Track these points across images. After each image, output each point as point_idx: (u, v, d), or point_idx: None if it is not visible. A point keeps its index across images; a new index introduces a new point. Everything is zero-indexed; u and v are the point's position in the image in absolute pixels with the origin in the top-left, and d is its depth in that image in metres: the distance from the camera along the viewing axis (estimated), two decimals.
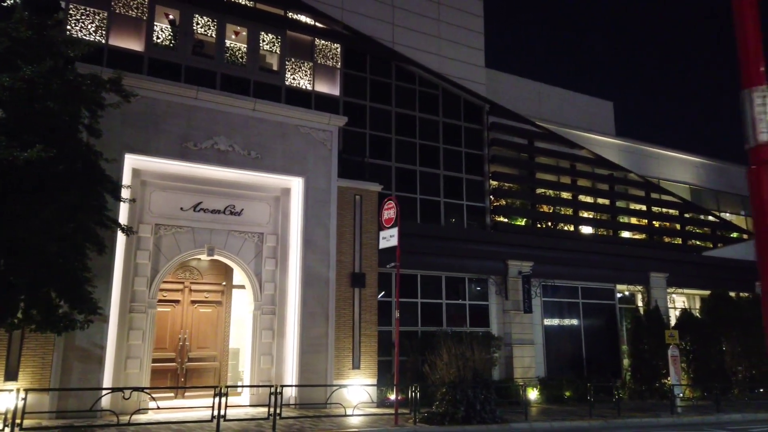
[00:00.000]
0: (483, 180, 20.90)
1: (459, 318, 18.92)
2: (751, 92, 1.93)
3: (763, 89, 1.93)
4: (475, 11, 22.03)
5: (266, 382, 14.31)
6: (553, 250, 20.56)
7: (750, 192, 1.92)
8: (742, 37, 1.89)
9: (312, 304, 14.90)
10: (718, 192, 29.18)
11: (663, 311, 21.84)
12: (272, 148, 15.08)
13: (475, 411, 12.63)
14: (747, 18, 1.88)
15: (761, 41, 1.92)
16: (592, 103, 27.54)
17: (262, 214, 15.46)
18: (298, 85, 17.86)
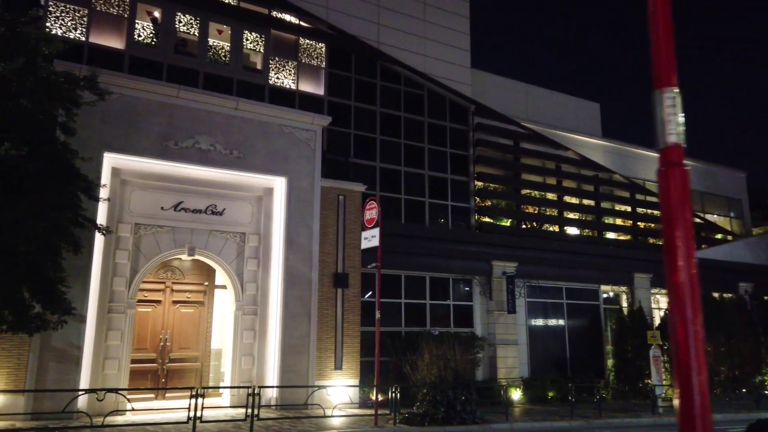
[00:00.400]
0: (468, 180, 20.92)
1: (443, 318, 18.92)
2: (662, 93, 1.91)
3: (674, 90, 1.92)
4: (461, 12, 22.04)
5: (247, 383, 14.22)
6: (537, 251, 20.61)
7: (659, 194, 1.91)
8: (655, 37, 1.88)
9: (294, 304, 14.83)
10: (704, 193, 29.38)
11: (647, 312, 21.96)
12: (255, 148, 14.99)
13: (455, 411, 12.62)
14: (660, 18, 1.87)
15: (673, 42, 1.91)
16: (578, 104, 27.65)
17: (244, 213, 15.37)
18: (282, 84, 17.77)
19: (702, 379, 1.71)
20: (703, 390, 1.71)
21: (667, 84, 1.90)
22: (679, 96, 1.96)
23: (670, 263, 1.84)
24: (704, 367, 1.73)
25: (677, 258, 1.82)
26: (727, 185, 30.65)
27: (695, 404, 1.70)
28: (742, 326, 22.99)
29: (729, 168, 31.30)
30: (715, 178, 30.08)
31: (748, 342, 22.90)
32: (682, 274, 1.81)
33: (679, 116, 1.94)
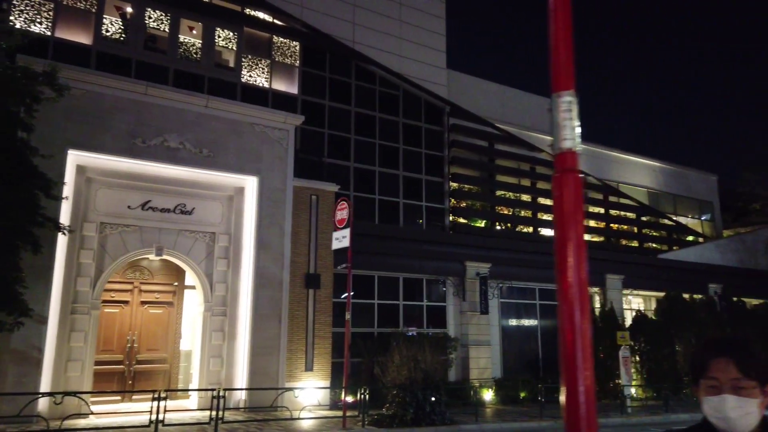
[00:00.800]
0: (443, 181, 20.94)
1: (416, 319, 18.90)
2: (558, 97, 1.88)
3: (570, 95, 1.89)
4: (437, 13, 22.07)
5: (216, 385, 14.03)
6: (511, 252, 20.70)
7: (552, 200, 1.88)
8: (554, 40, 1.85)
9: (264, 305, 14.68)
10: (676, 196, 29.86)
11: (618, 312, 22.19)
12: (226, 146, 14.80)
13: (424, 413, 12.60)
14: (559, 21, 1.84)
15: (572, 45, 1.88)
16: None
17: (214, 213, 15.17)
18: (255, 82, 17.59)
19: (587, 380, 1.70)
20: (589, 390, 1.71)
21: (563, 88, 1.87)
22: (576, 101, 1.94)
23: (561, 267, 1.81)
24: (590, 368, 1.73)
25: (568, 263, 1.79)
26: (698, 188, 31.19)
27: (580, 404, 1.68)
28: (712, 327, 23.36)
29: (701, 171, 31.85)
30: (687, 181, 30.59)
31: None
32: (572, 278, 1.78)
33: (575, 121, 1.91)
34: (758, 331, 24.44)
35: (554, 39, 1.84)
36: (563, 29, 1.82)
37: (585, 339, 1.73)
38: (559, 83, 1.87)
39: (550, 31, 1.85)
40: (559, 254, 1.82)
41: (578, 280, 1.77)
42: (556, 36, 1.83)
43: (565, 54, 1.84)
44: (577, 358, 1.70)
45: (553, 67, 1.89)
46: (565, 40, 1.83)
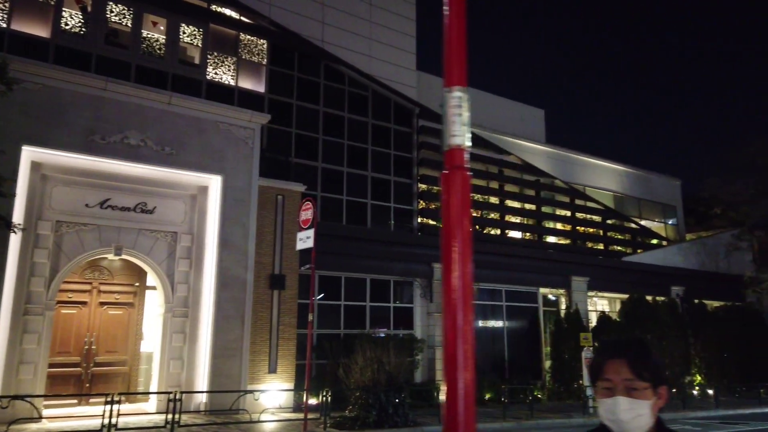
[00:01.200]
0: (411, 183, 20.95)
1: (383, 320, 18.84)
2: (450, 92, 1.85)
3: (461, 90, 1.85)
4: (408, 14, 22.08)
5: (176, 388, 13.71)
6: (478, 254, 20.59)
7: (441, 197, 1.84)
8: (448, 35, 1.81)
9: (227, 306, 14.45)
10: (641, 200, 30.44)
11: (583, 314, 22.49)
12: (189, 144, 14.53)
13: (387, 415, 12.54)
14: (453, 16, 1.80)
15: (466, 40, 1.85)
16: (524, 110, 28.19)
17: (176, 212, 14.88)
18: (221, 80, 17.33)
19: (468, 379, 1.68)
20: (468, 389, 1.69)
21: (455, 83, 1.84)
22: (467, 97, 1.90)
23: (446, 267, 1.77)
24: (471, 369, 1.71)
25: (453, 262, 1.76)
26: (663, 192, 31.85)
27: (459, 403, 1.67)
28: (674, 328, 23.86)
29: (665, 175, 32.52)
30: (651, 185, 31.21)
31: (679, 343, 23.79)
32: (457, 278, 1.75)
33: (465, 118, 1.88)
34: (719, 332, 25.11)
35: (448, 33, 1.80)
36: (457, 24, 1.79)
37: (467, 340, 1.69)
38: (451, 78, 1.83)
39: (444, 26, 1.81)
40: (445, 254, 1.78)
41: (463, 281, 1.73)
42: (450, 30, 1.79)
43: (458, 49, 1.81)
44: (458, 358, 1.67)
45: (445, 62, 1.85)
46: (459, 34, 1.80)
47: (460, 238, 1.77)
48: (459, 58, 1.82)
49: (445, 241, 1.78)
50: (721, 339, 24.99)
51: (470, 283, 1.76)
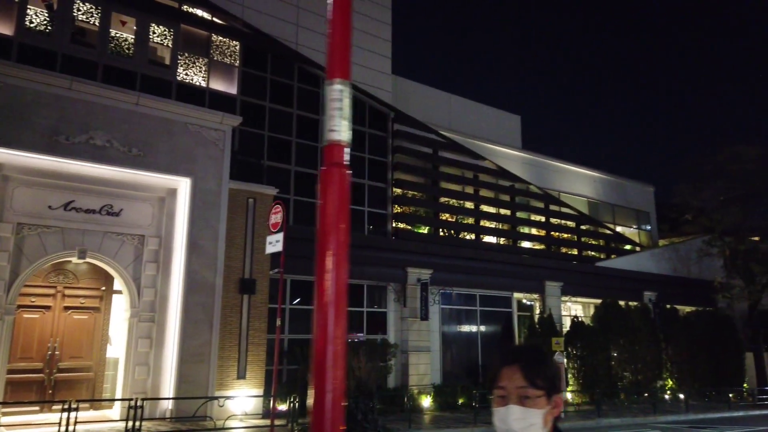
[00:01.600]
0: (386, 187, 20.89)
1: (356, 325, 18.71)
2: (331, 85, 1.78)
3: (342, 83, 1.78)
4: (383, 19, 22.08)
5: (141, 394, 13.46)
6: (453, 258, 20.81)
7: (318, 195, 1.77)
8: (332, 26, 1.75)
9: (195, 311, 14.20)
10: (615, 206, 30.78)
11: (557, 319, 22.61)
12: (157, 146, 14.28)
13: (355, 421, 12.41)
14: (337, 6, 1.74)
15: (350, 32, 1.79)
16: (500, 115, 28.35)
17: (143, 215, 14.60)
18: (192, 81, 17.10)
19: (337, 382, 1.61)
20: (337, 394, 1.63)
21: (336, 76, 1.76)
22: (349, 90, 1.83)
23: (320, 270, 1.69)
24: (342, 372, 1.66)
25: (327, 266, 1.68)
26: (636, 198, 32.26)
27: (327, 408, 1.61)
28: (646, 333, 24.12)
29: (638, 182, 32.96)
30: (625, 192, 31.59)
31: (651, 348, 24.05)
32: (331, 280, 1.67)
33: (346, 112, 1.80)
34: (690, 337, 25.44)
35: (332, 24, 1.73)
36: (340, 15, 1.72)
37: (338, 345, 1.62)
38: (333, 70, 1.77)
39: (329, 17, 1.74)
40: (319, 256, 1.70)
41: (337, 283, 1.66)
42: (334, 22, 1.72)
43: (341, 40, 1.74)
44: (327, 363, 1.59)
45: (328, 54, 1.78)
46: (343, 26, 1.73)
47: (336, 241, 1.69)
48: (342, 50, 1.75)
49: (320, 243, 1.70)
50: (692, 344, 25.33)
51: (344, 288, 1.69)
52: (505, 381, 1.65)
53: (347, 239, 1.73)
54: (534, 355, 1.69)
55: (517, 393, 1.62)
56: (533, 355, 1.68)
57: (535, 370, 1.63)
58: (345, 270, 1.69)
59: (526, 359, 1.66)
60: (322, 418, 1.57)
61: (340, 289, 1.65)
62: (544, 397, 1.62)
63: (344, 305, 1.68)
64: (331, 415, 1.58)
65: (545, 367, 1.66)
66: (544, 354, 1.70)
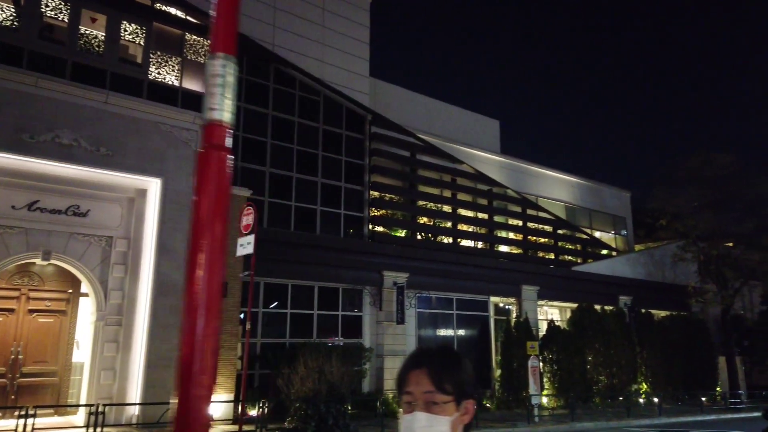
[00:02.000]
0: (363, 190, 20.74)
1: (331, 329, 18.51)
2: (213, 59, 1.65)
3: (226, 58, 1.65)
4: (361, 21, 21.97)
5: (107, 400, 13.16)
6: (429, 262, 20.72)
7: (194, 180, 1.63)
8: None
9: (165, 314, 13.89)
10: (592, 211, 30.99)
11: (533, 323, 22.64)
12: (126, 146, 13.97)
13: (326, 426, 12.22)
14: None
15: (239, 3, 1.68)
16: (479, 120, 28.39)
17: (112, 216, 14.27)
18: (164, 80, 16.80)
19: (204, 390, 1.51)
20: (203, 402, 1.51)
21: (220, 49, 1.63)
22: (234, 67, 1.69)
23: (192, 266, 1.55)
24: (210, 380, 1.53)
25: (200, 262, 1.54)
26: (613, 204, 32.53)
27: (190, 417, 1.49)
28: (621, 337, 24.28)
29: (615, 187, 33.24)
30: (602, 197, 31.83)
31: (626, 352, 24.21)
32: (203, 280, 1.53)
33: (229, 90, 1.67)
34: (664, 341, 25.68)
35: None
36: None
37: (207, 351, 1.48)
38: (217, 43, 1.63)
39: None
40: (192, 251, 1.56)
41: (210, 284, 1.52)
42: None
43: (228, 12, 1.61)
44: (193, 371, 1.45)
45: (213, 26, 1.65)
46: None
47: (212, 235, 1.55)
48: (228, 23, 1.63)
49: (194, 236, 1.55)
50: (666, 348, 25.56)
51: (218, 289, 1.55)
52: (411, 386, 1.52)
53: (225, 233, 1.59)
54: (444, 357, 1.56)
55: (424, 398, 1.49)
56: (443, 358, 1.56)
57: (443, 374, 1.51)
58: (220, 269, 1.55)
59: (434, 362, 1.53)
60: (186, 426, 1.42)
61: (213, 291, 1.51)
62: (453, 402, 1.50)
63: (218, 308, 1.54)
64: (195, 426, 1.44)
65: (456, 371, 1.53)
66: (456, 356, 1.58)
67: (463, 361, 1.57)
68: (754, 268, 26.54)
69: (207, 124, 1.59)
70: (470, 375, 1.56)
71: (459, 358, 1.57)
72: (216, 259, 1.53)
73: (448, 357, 1.56)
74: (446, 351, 1.59)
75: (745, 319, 30.07)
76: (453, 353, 1.59)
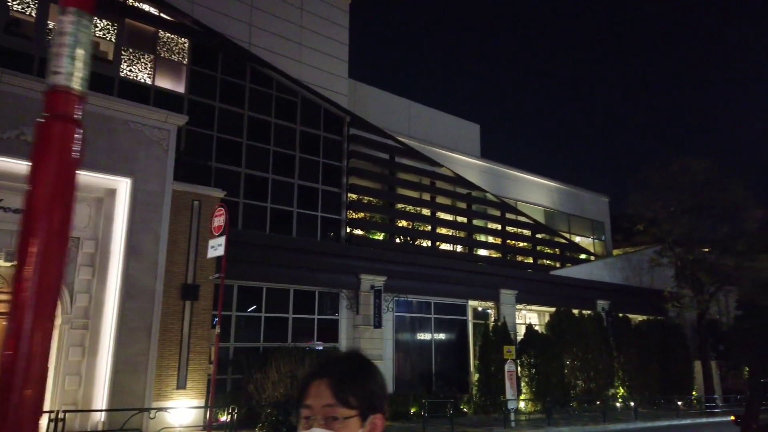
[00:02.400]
0: (340, 192, 20.52)
1: (307, 333, 18.23)
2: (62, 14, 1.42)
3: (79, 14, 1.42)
4: (341, 22, 21.79)
5: (71, 406, 12.74)
6: (408, 265, 20.55)
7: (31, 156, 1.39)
8: None
9: (133, 318, 13.51)
10: (571, 215, 31.10)
11: (511, 327, 22.56)
12: (95, 144, 13.54)
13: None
14: None
15: None
16: (460, 124, 28.35)
17: (79, 216, 13.83)
18: (137, 78, 16.43)
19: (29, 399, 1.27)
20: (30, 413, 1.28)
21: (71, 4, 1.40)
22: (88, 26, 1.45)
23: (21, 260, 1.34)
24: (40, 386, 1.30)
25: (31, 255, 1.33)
26: (592, 209, 32.70)
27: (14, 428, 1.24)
28: (598, 341, 24.32)
29: (594, 192, 33.43)
30: (581, 202, 31.98)
31: (603, 356, 24.25)
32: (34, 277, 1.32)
33: (81, 53, 1.42)
34: (641, 346, 25.80)
35: None
36: None
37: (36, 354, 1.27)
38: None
39: None
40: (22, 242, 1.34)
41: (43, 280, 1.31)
42: None
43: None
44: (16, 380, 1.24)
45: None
46: None
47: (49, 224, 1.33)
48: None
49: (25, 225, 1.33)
50: (643, 352, 25.68)
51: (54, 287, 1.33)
52: (311, 398, 1.33)
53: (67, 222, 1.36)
54: (350, 366, 1.37)
55: (324, 413, 1.30)
56: (349, 367, 1.37)
57: (347, 385, 1.32)
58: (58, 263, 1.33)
59: (338, 371, 1.34)
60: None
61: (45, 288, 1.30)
62: (358, 417, 1.31)
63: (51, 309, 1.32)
64: None
65: (363, 381, 1.34)
66: (365, 365, 1.39)
67: (373, 370, 1.38)
68: (729, 274, 26.78)
69: (50, 90, 1.36)
70: (381, 386, 1.37)
71: (368, 366, 1.38)
72: (53, 252, 1.31)
73: (355, 365, 1.37)
74: (354, 358, 1.40)
75: (720, 324, 30.38)
76: (362, 361, 1.40)
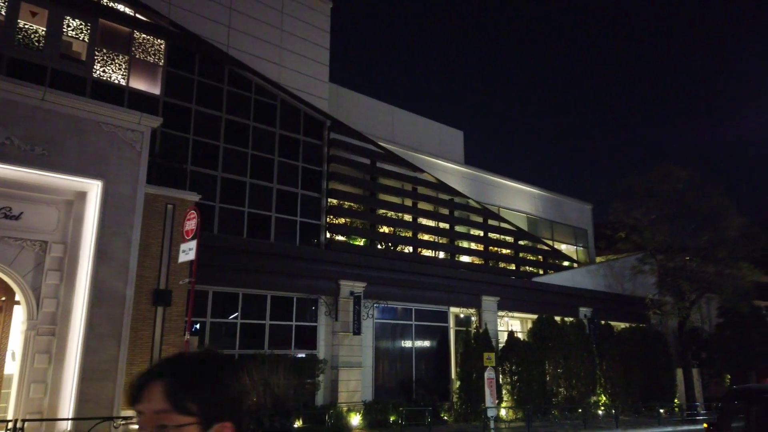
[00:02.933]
0: (320, 197, 20.27)
1: (284, 340, 17.91)
2: None
3: None
4: (321, 25, 21.63)
5: (36, 414, 12.32)
6: (388, 271, 20.33)
7: None
8: None
9: (102, 324, 13.12)
10: (554, 222, 31.08)
11: (493, 334, 22.40)
12: (65, 145, 13.23)
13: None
14: None
15: None
16: (443, 130, 28.27)
17: (48, 219, 13.49)
18: (110, 79, 16.10)
19: None
20: None
21: None
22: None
23: None
24: None
25: None
26: (574, 216, 32.73)
27: None
28: (581, 348, 24.23)
29: (577, 200, 33.48)
30: (564, 209, 31.99)
31: (585, 363, 24.16)
32: None
33: None
34: (623, 353, 25.75)
35: None
36: None
37: None
38: None
39: None
40: None
41: None
42: None
43: None
44: None
45: None
46: None
47: None
48: None
49: None
50: (625, 359, 25.64)
51: None
52: (143, 403, 1.11)
53: None
54: (193, 367, 1.15)
55: (154, 421, 1.08)
56: (191, 368, 1.14)
57: (185, 388, 1.10)
58: None
59: (177, 372, 1.12)
60: None
61: None
62: (197, 426, 1.09)
63: None
64: None
65: (205, 384, 1.12)
66: (212, 365, 1.17)
67: (222, 371, 1.16)
68: (710, 281, 26.88)
69: None
70: (231, 390, 1.15)
71: (216, 367, 1.16)
72: None
73: (202, 365, 1.15)
74: (198, 358, 1.18)
75: (702, 332, 30.45)
76: (212, 361, 1.18)
